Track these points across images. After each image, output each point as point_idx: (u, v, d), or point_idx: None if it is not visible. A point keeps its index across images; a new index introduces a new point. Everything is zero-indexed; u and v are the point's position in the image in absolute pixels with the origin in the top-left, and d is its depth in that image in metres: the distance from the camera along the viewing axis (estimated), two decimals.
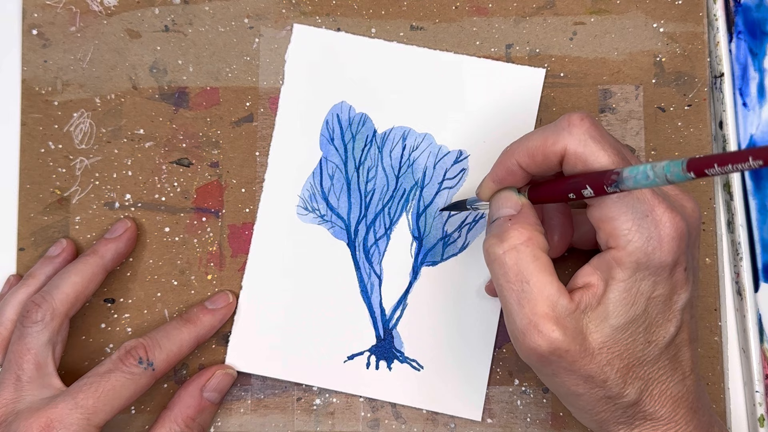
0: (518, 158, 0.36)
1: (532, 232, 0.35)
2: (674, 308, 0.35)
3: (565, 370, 0.34)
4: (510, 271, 0.34)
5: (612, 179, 0.32)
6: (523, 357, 0.35)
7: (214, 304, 0.44)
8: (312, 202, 0.45)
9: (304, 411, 0.44)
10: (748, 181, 0.45)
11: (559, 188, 0.35)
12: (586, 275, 0.35)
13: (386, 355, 0.44)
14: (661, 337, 0.35)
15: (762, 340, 0.44)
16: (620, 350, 0.34)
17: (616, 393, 0.35)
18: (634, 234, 0.34)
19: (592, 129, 0.34)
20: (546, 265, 0.34)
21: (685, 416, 0.36)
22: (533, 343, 0.34)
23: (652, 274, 0.34)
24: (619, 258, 0.34)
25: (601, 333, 0.34)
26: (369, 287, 0.44)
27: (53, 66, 0.45)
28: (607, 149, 0.34)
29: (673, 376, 0.36)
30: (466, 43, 0.45)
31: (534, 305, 0.34)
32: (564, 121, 0.35)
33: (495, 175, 0.37)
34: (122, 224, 0.44)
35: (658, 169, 0.30)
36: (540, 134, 0.35)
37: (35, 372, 0.40)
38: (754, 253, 0.44)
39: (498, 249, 0.35)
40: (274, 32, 0.45)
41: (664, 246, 0.33)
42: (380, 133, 0.45)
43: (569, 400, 0.36)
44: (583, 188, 0.34)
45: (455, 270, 0.44)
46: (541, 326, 0.33)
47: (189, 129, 0.45)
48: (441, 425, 0.44)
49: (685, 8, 0.45)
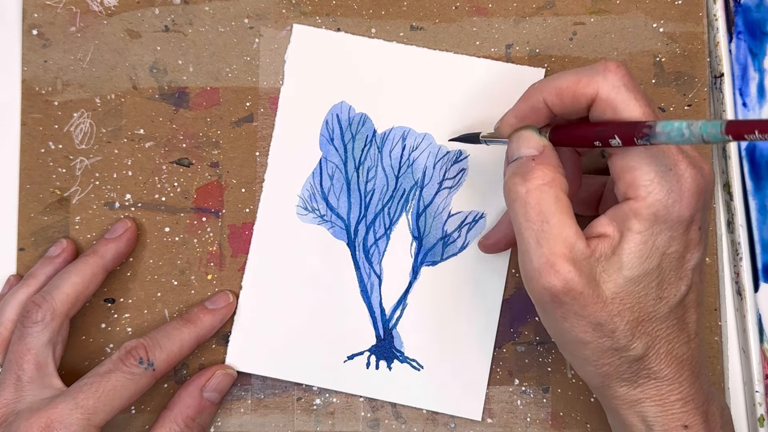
0: (546, 96, 0.36)
1: (555, 173, 0.35)
2: (686, 267, 0.35)
3: (576, 314, 0.34)
4: (532, 210, 0.34)
5: (644, 132, 0.32)
6: (535, 298, 0.35)
7: (214, 304, 0.44)
8: (312, 202, 0.45)
9: (304, 411, 0.44)
10: (748, 181, 0.45)
11: (584, 134, 0.35)
12: (601, 225, 0.35)
13: (386, 355, 0.44)
14: (672, 294, 0.35)
15: (762, 340, 0.44)
16: (632, 303, 0.34)
17: (623, 345, 0.34)
18: (655, 186, 0.33)
19: (627, 78, 0.34)
20: (566, 207, 0.34)
21: (689, 378, 0.35)
22: (548, 282, 0.33)
23: (669, 228, 0.34)
24: (637, 209, 0.34)
25: (614, 283, 0.34)
26: (369, 287, 0.44)
27: (53, 66, 0.45)
28: (639, 100, 0.34)
29: (680, 336, 0.35)
30: (466, 43, 0.45)
31: (553, 244, 0.33)
32: (600, 66, 0.35)
33: (518, 110, 0.37)
34: (122, 224, 0.44)
35: (694, 127, 0.30)
36: (573, 74, 0.35)
37: (35, 372, 0.40)
38: (754, 253, 0.44)
39: (521, 188, 0.35)
40: (274, 32, 0.45)
41: (684, 200, 0.33)
42: (380, 133, 0.45)
43: (574, 349, 0.36)
44: (611, 138, 0.33)
45: (455, 270, 0.44)
46: (558, 265, 0.33)
47: (189, 129, 0.45)
48: (441, 425, 0.44)
49: (685, 8, 0.45)
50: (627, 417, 0.36)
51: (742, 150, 0.45)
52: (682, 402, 0.35)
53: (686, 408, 0.35)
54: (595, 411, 0.44)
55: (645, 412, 0.36)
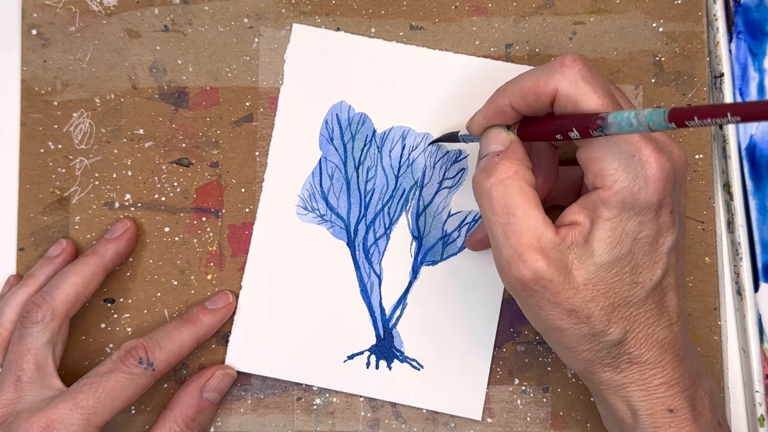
0: (510, 98, 0.36)
1: (519, 166, 0.36)
2: (660, 251, 0.35)
3: (549, 302, 0.35)
4: (497, 204, 0.35)
5: (597, 124, 0.33)
6: (509, 288, 0.36)
7: (214, 304, 0.44)
8: (311, 201, 0.45)
9: (304, 411, 0.44)
10: (748, 181, 0.45)
11: (547, 128, 0.36)
12: (572, 214, 0.35)
13: (386, 354, 0.44)
14: (648, 279, 0.35)
15: (762, 340, 0.44)
16: (605, 288, 0.35)
17: (599, 330, 0.35)
18: (620, 174, 0.34)
19: (585, 70, 0.35)
20: (532, 198, 0.35)
21: (672, 362, 0.36)
22: (517, 272, 0.34)
23: (637, 214, 0.34)
24: (605, 197, 0.34)
25: (586, 269, 0.34)
26: (369, 287, 0.44)
27: (53, 66, 0.45)
28: (597, 91, 0.34)
29: (660, 320, 0.36)
30: (465, 42, 0.45)
31: (519, 236, 0.34)
32: (557, 63, 0.35)
33: (486, 112, 0.38)
34: (122, 224, 0.44)
35: (641, 117, 0.31)
36: (532, 75, 0.36)
37: (35, 372, 0.40)
38: (754, 253, 0.44)
39: (486, 183, 0.35)
40: (274, 32, 0.45)
41: (650, 186, 0.34)
42: (380, 132, 0.45)
43: (553, 337, 0.36)
44: (570, 130, 0.34)
45: (455, 269, 0.44)
46: (526, 256, 0.34)
47: (189, 129, 0.45)
48: (441, 425, 0.44)
49: (685, 8, 0.45)
50: (613, 402, 0.37)
51: (742, 150, 0.45)
52: (666, 386, 0.36)
53: (671, 392, 0.36)
54: (595, 411, 0.44)
55: (629, 396, 0.36)
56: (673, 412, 0.36)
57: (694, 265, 0.44)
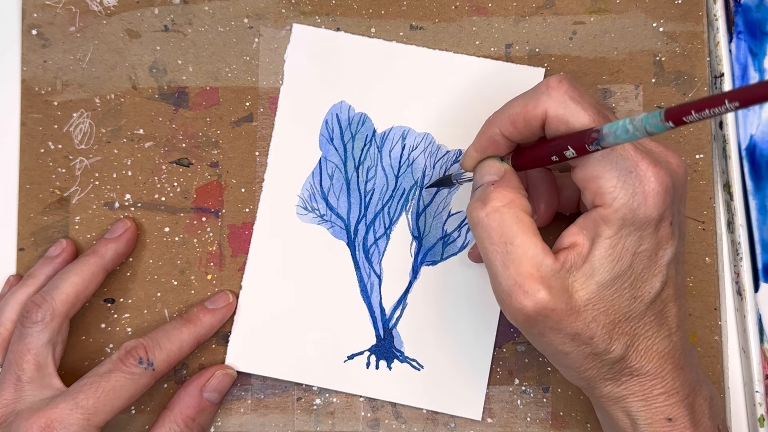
0: (500, 126, 0.36)
1: (514, 194, 0.35)
2: (660, 263, 0.35)
3: (552, 329, 0.34)
4: (494, 233, 0.34)
5: (593, 137, 0.32)
6: (509, 318, 0.35)
7: (214, 304, 0.44)
8: (312, 201, 0.45)
9: (304, 411, 0.44)
10: (748, 181, 0.44)
11: (541, 152, 0.35)
12: (571, 235, 0.35)
13: (386, 354, 0.44)
14: (647, 292, 0.35)
15: (762, 340, 0.44)
16: (606, 306, 0.34)
17: (602, 349, 0.35)
18: (619, 191, 0.34)
19: (571, 90, 0.34)
20: (529, 227, 0.34)
21: (672, 372, 0.36)
22: (519, 303, 0.34)
23: (637, 229, 0.34)
24: (605, 216, 0.34)
25: (587, 290, 0.34)
26: (369, 287, 0.44)
27: (53, 66, 0.45)
28: (587, 108, 0.34)
29: (659, 331, 0.36)
30: (465, 42, 0.45)
31: (518, 266, 0.34)
32: (542, 85, 0.35)
33: (478, 144, 0.37)
34: (122, 224, 0.44)
35: (637, 122, 0.30)
36: (520, 100, 0.36)
37: (35, 372, 0.40)
38: (754, 253, 0.44)
39: (481, 212, 0.35)
40: (274, 32, 0.45)
41: (649, 201, 0.33)
42: (380, 132, 0.45)
43: (557, 359, 0.36)
44: (565, 149, 0.34)
45: (455, 270, 0.44)
46: (527, 286, 0.33)
47: (189, 129, 0.45)
48: (441, 425, 0.44)
49: (685, 8, 0.45)
50: (613, 412, 0.37)
51: (742, 150, 0.45)
52: (665, 395, 0.36)
53: (670, 401, 0.36)
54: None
55: (629, 407, 0.36)
56: (672, 421, 0.36)
57: (694, 265, 0.44)
